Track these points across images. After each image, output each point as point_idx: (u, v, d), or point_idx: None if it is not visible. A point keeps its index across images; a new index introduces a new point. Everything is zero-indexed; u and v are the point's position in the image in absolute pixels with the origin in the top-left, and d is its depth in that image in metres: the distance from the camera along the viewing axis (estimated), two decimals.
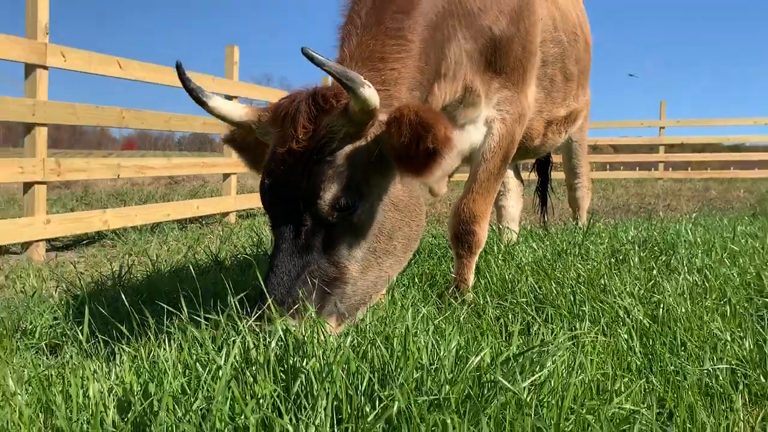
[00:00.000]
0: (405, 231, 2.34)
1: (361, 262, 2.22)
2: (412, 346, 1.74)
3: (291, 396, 1.58)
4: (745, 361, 2.11)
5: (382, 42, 2.38)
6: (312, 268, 2.12)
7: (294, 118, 2.11)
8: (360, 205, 2.17)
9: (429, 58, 2.48)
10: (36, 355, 2.52)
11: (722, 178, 17.18)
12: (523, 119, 3.10)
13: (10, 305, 3.37)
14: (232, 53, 8.94)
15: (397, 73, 2.35)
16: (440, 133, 2.05)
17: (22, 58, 5.61)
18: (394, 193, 2.30)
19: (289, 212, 2.15)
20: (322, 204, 2.10)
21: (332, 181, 2.11)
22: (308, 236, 2.13)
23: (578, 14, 3.91)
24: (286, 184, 2.14)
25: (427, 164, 2.11)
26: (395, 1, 2.45)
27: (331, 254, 2.16)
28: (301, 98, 2.15)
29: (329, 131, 2.12)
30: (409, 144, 2.07)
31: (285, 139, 2.13)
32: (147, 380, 1.69)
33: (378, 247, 2.26)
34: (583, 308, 2.58)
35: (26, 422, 1.60)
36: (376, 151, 2.18)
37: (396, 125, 2.08)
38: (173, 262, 4.59)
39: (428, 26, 2.48)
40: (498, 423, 1.53)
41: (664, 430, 1.72)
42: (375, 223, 2.24)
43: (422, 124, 2.05)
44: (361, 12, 2.46)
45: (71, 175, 6.28)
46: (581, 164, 5.11)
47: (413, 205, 2.38)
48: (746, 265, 3.27)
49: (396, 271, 2.39)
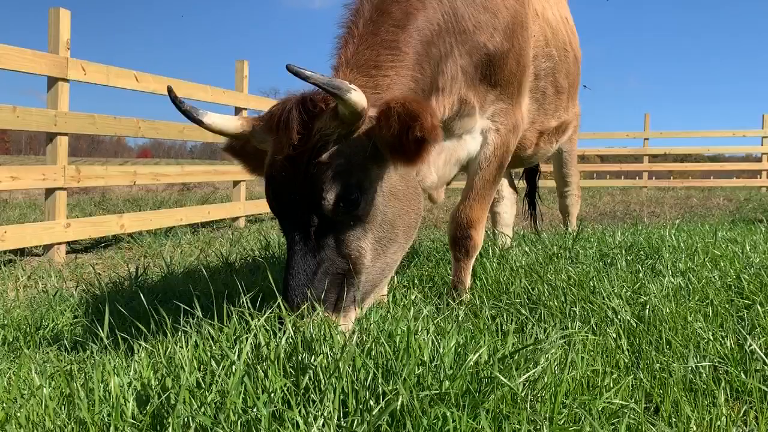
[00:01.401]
0: (405, 219, 2.35)
1: (370, 252, 2.22)
2: (413, 344, 1.74)
3: (300, 390, 1.58)
4: (726, 358, 2.11)
5: (377, 52, 2.39)
6: (326, 266, 2.13)
7: (287, 124, 2.09)
8: (362, 200, 2.17)
9: (424, 70, 2.49)
10: (58, 351, 2.52)
11: (703, 187, 17.19)
12: (517, 130, 3.11)
13: (33, 304, 3.38)
14: (243, 67, 8.95)
15: (389, 79, 2.36)
16: (427, 122, 2.05)
17: (45, 71, 5.63)
18: (392, 183, 2.30)
19: (297, 216, 2.14)
20: (326, 204, 2.10)
21: (333, 181, 2.10)
22: (318, 236, 2.13)
23: (568, 31, 3.92)
24: (289, 190, 2.14)
25: (418, 152, 2.10)
26: (392, 16, 2.47)
27: (342, 249, 2.16)
28: (291, 104, 2.13)
29: (323, 134, 2.11)
30: (399, 135, 2.07)
31: (281, 146, 2.12)
32: (164, 375, 1.69)
33: (383, 236, 2.26)
34: (574, 309, 2.58)
35: (51, 414, 1.61)
36: (369, 146, 2.17)
37: (385, 118, 2.08)
38: (186, 264, 4.59)
39: (423, 41, 2.49)
40: (495, 416, 1.54)
41: (652, 423, 1.72)
42: (378, 213, 2.24)
43: (409, 114, 2.04)
44: (358, 23, 2.47)
45: (90, 181, 6.29)
46: (571, 173, 5.12)
47: (411, 193, 2.38)
48: (727, 269, 3.27)
49: (400, 256, 2.40)
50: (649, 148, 17.48)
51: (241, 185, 8.86)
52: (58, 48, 5.77)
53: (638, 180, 17.96)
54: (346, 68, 2.36)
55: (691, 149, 19.12)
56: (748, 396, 1.94)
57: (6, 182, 5.27)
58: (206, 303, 2.36)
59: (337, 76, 2.34)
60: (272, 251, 4.80)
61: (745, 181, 17.97)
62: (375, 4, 2.49)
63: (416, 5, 2.51)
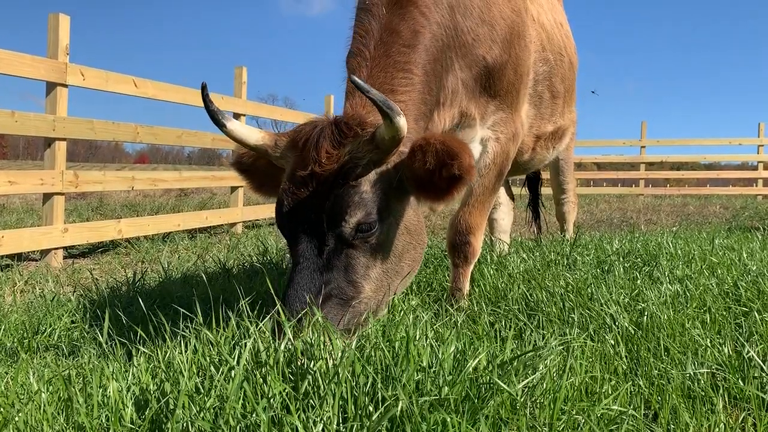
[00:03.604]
0: (412, 253, 2.34)
1: (375, 282, 2.20)
2: (413, 350, 1.74)
3: (300, 395, 1.58)
4: (724, 365, 2.11)
5: (391, 75, 2.38)
6: (331, 287, 2.10)
7: (317, 143, 2.08)
8: (379, 229, 2.16)
9: (431, 89, 2.49)
10: (55, 356, 2.51)
11: (699, 195, 17.23)
12: (516, 138, 3.12)
13: (30, 309, 3.36)
14: (241, 74, 8.96)
15: (404, 105, 2.35)
16: (465, 161, 2.06)
17: (44, 76, 5.63)
18: (408, 217, 2.31)
19: (309, 232, 2.11)
20: (347, 227, 2.08)
21: (357, 205, 2.09)
22: (329, 256, 2.11)
23: (563, 36, 3.94)
24: (308, 206, 2.11)
25: (449, 190, 2.13)
26: (401, 35, 2.45)
27: (349, 273, 2.14)
28: (323, 125, 2.13)
29: (353, 157, 2.10)
30: (432, 171, 2.08)
31: (306, 163, 2.10)
32: (163, 380, 1.68)
33: (389, 268, 2.25)
34: (572, 315, 2.58)
35: (49, 419, 1.60)
36: (396, 177, 2.18)
37: (421, 153, 2.08)
38: (184, 270, 4.58)
39: (430, 59, 2.49)
40: (495, 422, 1.53)
41: (650, 430, 1.72)
42: (389, 245, 2.24)
43: (448, 152, 2.06)
44: (369, 45, 2.45)
45: (88, 186, 6.28)
46: (568, 180, 5.13)
47: (420, 228, 2.38)
48: (724, 276, 3.27)
49: (400, 291, 2.38)
50: (645, 156, 17.52)
51: (238, 191, 8.86)
52: (57, 53, 5.77)
53: (635, 188, 18.00)
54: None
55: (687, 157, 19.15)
56: (746, 403, 1.94)
57: (4, 187, 5.26)
58: (204, 308, 2.36)
59: (354, 101, 2.34)
60: (270, 257, 4.79)
61: (741, 189, 18.03)
62: (384, 24, 2.47)
63: (422, 22, 2.50)
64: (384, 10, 2.50)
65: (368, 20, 2.50)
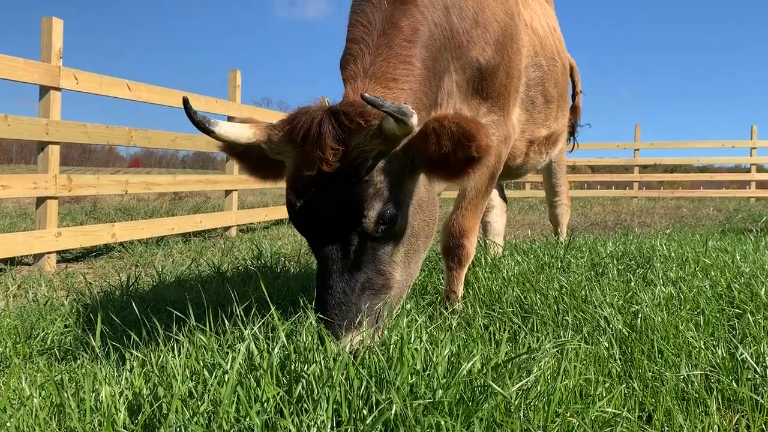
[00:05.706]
0: (426, 230, 2.34)
1: (400, 265, 2.21)
2: (407, 353, 1.73)
3: (293, 399, 1.57)
4: (718, 367, 2.11)
5: (393, 65, 2.37)
6: (362, 282, 2.09)
7: (319, 139, 2.01)
8: (399, 215, 2.14)
9: (431, 84, 2.50)
10: (48, 361, 2.50)
11: (693, 197, 17.30)
12: (508, 140, 3.12)
13: (23, 313, 3.35)
14: (235, 77, 8.97)
15: (405, 94, 2.35)
16: (483, 141, 2.02)
17: (37, 80, 5.62)
18: (420, 194, 2.29)
19: (329, 232, 2.07)
20: (368, 222, 2.05)
21: (374, 199, 2.05)
22: (355, 253, 2.08)
23: (555, 41, 3.95)
24: (322, 207, 2.05)
25: (465, 170, 2.08)
26: (403, 30, 2.46)
27: (377, 264, 2.13)
28: (320, 117, 2.05)
29: (361, 151, 2.04)
30: (448, 153, 2.04)
31: (312, 162, 2.03)
32: (156, 384, 1.67)
33: (409, 249, 2.25)
34: (566, 318, 2.58)
35: (41, 424, 1.59)
36: (408, 161, 2.14)
37: (435, 135, 2.04)
38: (178, 274, 4.56)
39: (429, 56, 2.50)
40: (489, 425, 1.53)
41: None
42: (407, 226, 2.23)
43: (464, 134, 2.01)
44: (372, 34, 2.44)
45: (82, 190, 6.26)
46: (561, 183, 5.14)
47: (432, 203, 2.37)
48: (718, 278, 3.28)
49: (419, 267, 2.39)
50: (639, 158, 17.59)
51: (233, 194, 8.85)
52: (51, 57, 5.76)
53: (629, 190, 18.06)
54: (365, 78, 2.33)
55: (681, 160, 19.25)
56: (739, 405, 1.94)
57: None
58: (198, 312, 2.35)
59: (356, 84, 2.32)
60: (264, 261, 4.78)
61: (734, 191, 18.10)
62: (386, 17, 2.47)
63: (420, 20, 2.52)
64: (386, 3, 2.51)
65: (370, 10, 2.51)
